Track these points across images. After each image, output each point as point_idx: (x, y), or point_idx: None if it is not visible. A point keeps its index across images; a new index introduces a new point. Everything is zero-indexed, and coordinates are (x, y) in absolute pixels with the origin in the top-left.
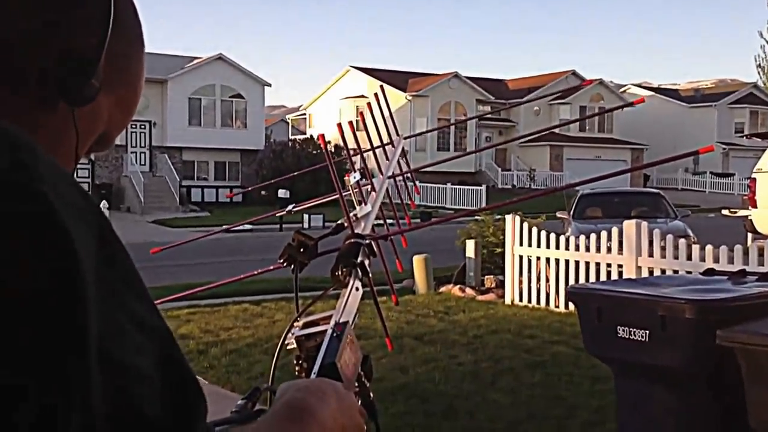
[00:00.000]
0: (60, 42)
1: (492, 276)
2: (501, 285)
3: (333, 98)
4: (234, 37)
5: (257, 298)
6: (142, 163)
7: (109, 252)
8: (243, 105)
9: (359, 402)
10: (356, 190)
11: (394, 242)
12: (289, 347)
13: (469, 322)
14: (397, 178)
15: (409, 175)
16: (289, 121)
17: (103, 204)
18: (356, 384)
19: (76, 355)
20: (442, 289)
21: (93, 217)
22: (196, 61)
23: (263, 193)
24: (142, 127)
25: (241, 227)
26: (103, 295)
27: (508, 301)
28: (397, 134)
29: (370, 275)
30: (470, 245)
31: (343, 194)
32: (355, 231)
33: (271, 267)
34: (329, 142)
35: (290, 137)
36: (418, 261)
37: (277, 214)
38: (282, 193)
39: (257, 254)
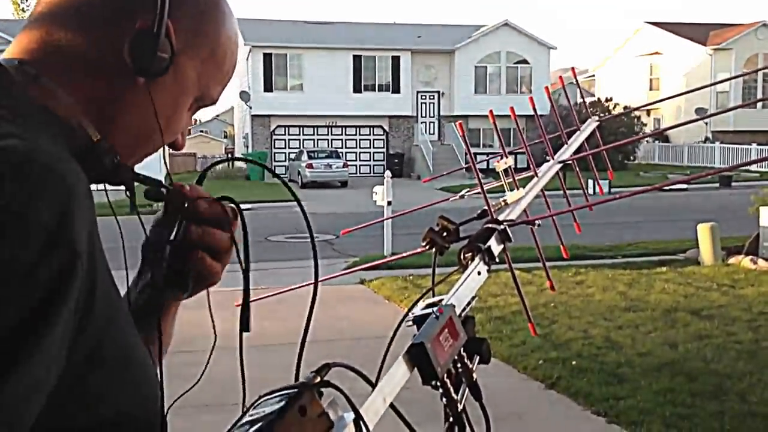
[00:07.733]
0: (122, 25)
1: None
2: None
3: (625, 57)
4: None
5: (529, 265)
6: (431, 132)
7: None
8: (528, 70)
9: (462, 384)
10: (508, 176)
11: (557, 224)
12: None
13: (757, 297)
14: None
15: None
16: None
17: (387, 174)
18: (458, 366)
19: None
20: (732, 260)
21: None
22: (482, 29)
23: (547, 158)
24: (431, 97)
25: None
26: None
27: None
28: (590, 116)
29: (510, 259)
30: (765, 213)
31: (492, 182)
32: (499, 217)
33: (418, 250)
34: (617, 105)
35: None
36: (702, 229)
37: (451, 200)
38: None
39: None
